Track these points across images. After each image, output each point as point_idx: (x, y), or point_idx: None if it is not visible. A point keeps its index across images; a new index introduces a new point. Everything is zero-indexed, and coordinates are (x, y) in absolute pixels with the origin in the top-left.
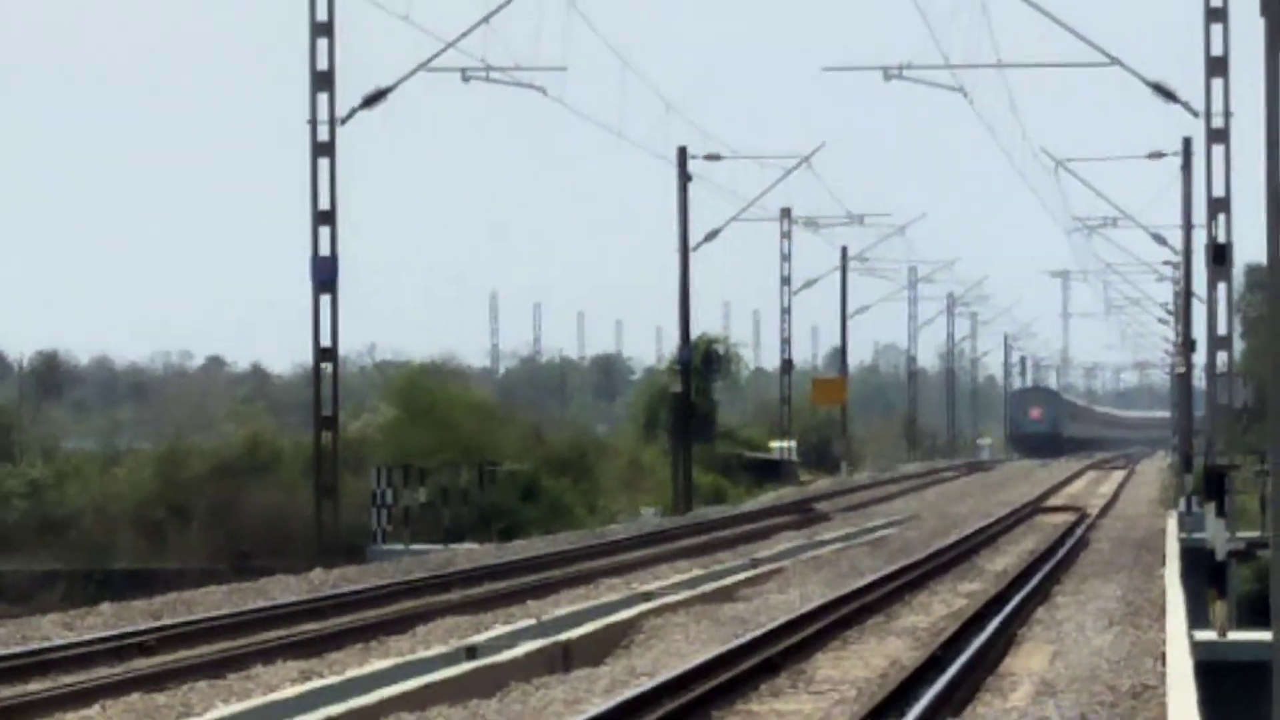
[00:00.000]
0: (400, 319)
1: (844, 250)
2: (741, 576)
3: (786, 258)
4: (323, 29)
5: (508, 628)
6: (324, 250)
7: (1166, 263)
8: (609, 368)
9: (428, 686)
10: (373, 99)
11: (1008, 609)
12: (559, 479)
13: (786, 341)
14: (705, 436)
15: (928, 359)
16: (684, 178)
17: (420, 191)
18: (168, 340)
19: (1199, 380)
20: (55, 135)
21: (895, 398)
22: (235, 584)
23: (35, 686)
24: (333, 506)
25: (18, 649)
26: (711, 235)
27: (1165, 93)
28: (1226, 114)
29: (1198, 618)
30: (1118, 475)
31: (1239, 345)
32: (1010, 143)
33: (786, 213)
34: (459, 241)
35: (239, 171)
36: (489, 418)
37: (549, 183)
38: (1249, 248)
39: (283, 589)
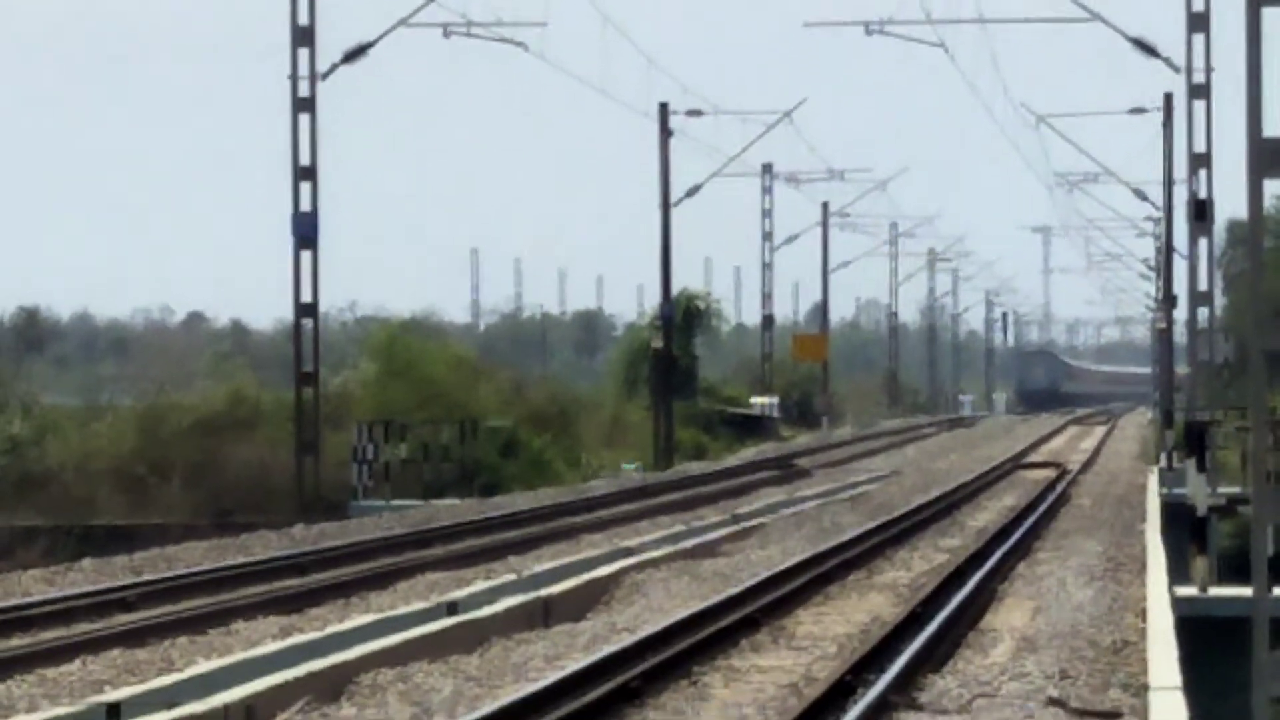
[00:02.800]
0: (381, 275)
1: (825, 206)
2: (722, 532)
3: (768, 213)
4: None
5: (488, 583)
6: (305, 206)
7: (1147, 218)
8: (590, 324)
9: (408, 642)
10: (353, 54)
11: (989, 565)
12: (540, 435)
13: (768, 297)
14: (686, 392)
15: (909, 315)
16: (665, 133)
17: (401, 147)
18: (148, 296)
19: (1180, 336)
20: (34, 92)
21: (876, 353)
22: (216, 540)
23: (16, 642)
24: (314, 462)
25: None
26: (693, 191)
27: (1146, 48)
28: (1208, 69)
29: (1179, 573)
30: (1099, 431)
31: (1220, 301)
32: (991, 98)
33: (768, 168)
34: (440, 197)
35: (219, 127)
36: (470, 373)
37: (530, 138)
38: (1230, 203)
39: (264, 545)
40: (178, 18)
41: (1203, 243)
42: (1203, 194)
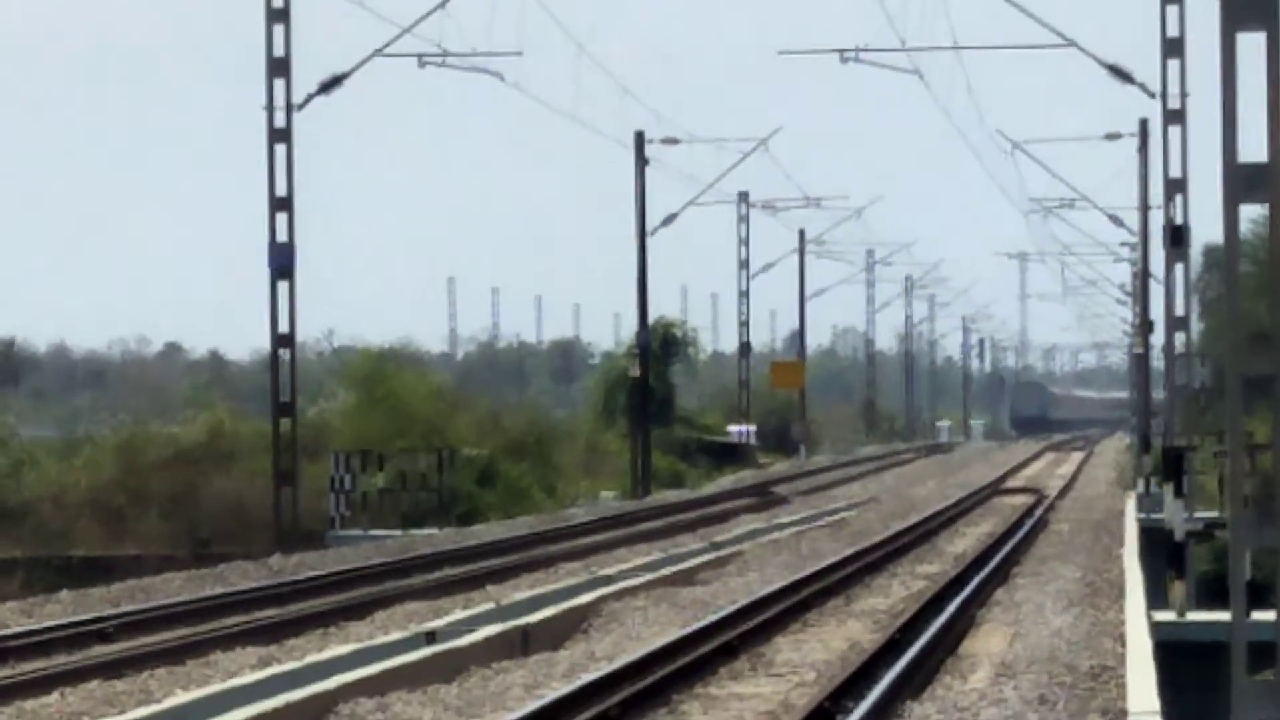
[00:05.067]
0: (358, 305)
1: (801, 233)
2: (701, 560)
3: (744, 241)
4: (279, 15)
5: (466, 612)
6: (281, 237)
7: (1124, 244)
8: (567, 352)
9: (387, 672)
10: (329, 85)
11: (967, 591)
12: (517, 463)
13: (744, 325)
14: (664, 420)
15: (886, 341)
16: (641, 162)
17: (378, 177)
18: (126, 327)
19: (1157, 361)
20: (9, 124)
21: (854, 380)
22: (194, 570)
23: None
24: (292, 493)
25: None
26: (669, 219)
27: (1121, 74)
28: (1183, 95)
29: (1156, 598)
30: (1076, 456)
31: (1197, 326)
32: (967, 125)
33: (744, 196)
34: (417, 227)
35: (196, 158)
36: (447, 403)
37: (506, 168)
38: (1206, 229)
39: (242, 575)
40: (152, 49)
41: (1179, 268)
42: (1179, 219)
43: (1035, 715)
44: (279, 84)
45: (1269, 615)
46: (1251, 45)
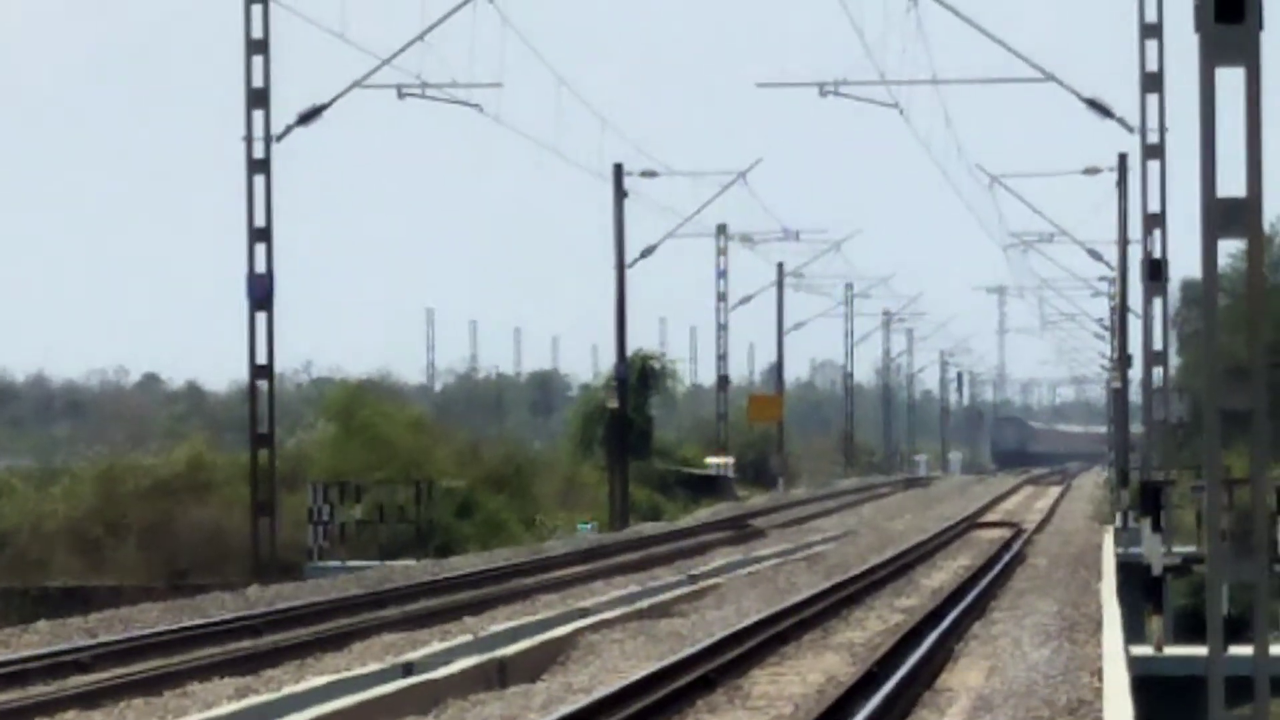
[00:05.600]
0: (337, 336)
1: (780, 266)
2: (678, 593)
3: (723, 274)
4: (258, 46)
5: (444, 644)
6: (260, 267)
7: (1102, 278)
8: (546, 384)
9: (364, 703)
10: (308, 116)
11: (944, 624)
12: (495, 495)
13: (723, 358)
14: (642, 453)
15: (864, 375)
16: (620, 194)
17: (356, 208)
18: (104, 358)
19: (1135, 395)
20: None
21: (832, 413)
22: (171, 601)
23: None
24: (270, 523)
25: None
26: (648, 251)
27: (1100, 108)
28: (1162, 130)
29: (1134, 633)
30: (1054, 490)
31: (1175, 360)
32: (946, 159)
33: (722, 229)
34: (395, 258)
35: (174, 188)
36: (425, 434)
37: (485, 199)
38: (1184, 263)
39: (219, 606)
40: (131, 78)
41: (1157, 302)
42: (1157, 253)
43: None
44: (258, 115)
45: (1247, 650)
46: (1231, 80)
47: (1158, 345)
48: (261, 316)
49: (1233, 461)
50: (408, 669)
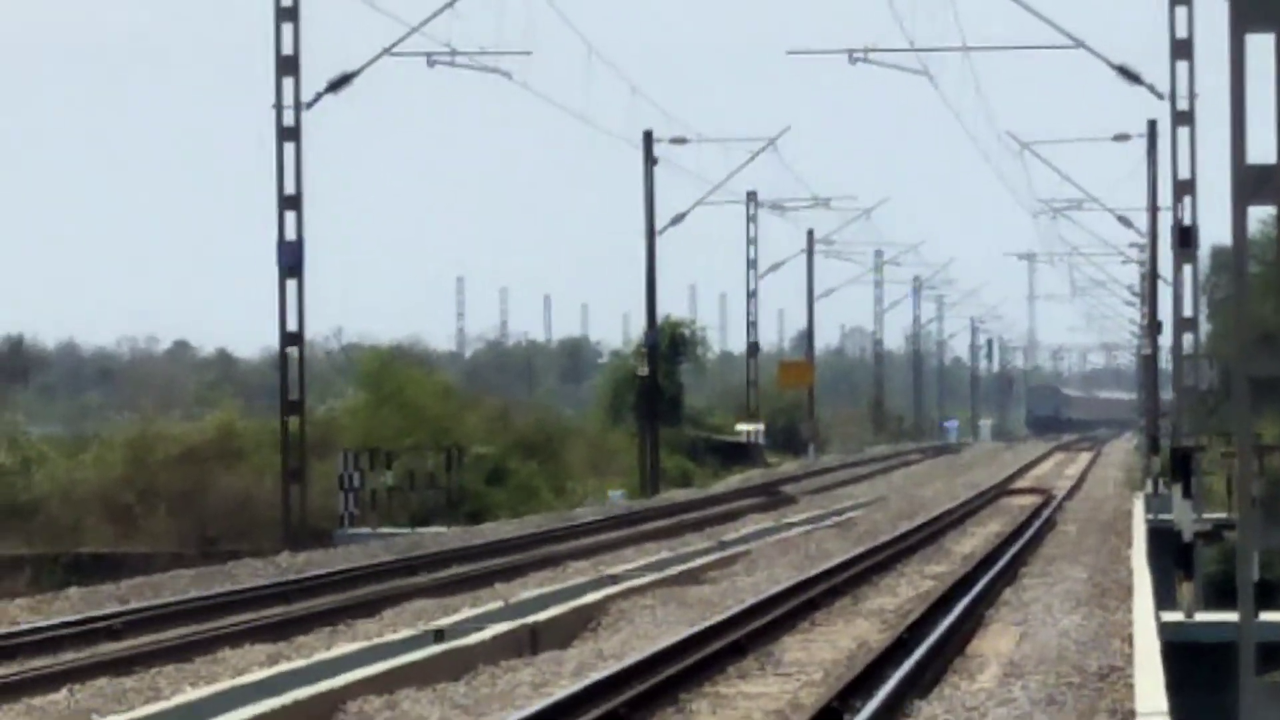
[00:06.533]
0: (366, 303)
1: (810, 233)
2: (708, 559)
3: (752, 241)
4: (288, 14)
5: (475, 611)
6: (290, 235)
7: (1132, 245)
8: (576, 351)
9: (395, 670)
10: (338, 84)
11: (975, 591)
12: (526, 462)
13: (753, 324)
14: (672, 420)
15: (894, 342)
16: (649, 161)
17: (386, 175)
18: (134, 325)
19: (1165, 362)
20: (19, 122)
21: (862, 380)
22: (202, 568)
23: (3, 671)
24: (300, 491)
25: None
26: (678, 219)
27: (1130, 75)
28: (1191, 96)
29: (1165, 599)
30: (1084, 457)
31: (1205, 327)
32: (975, 126)
33: (752, 196)
34: (425, 225)
35: (205, 156)
36: (456, 401)
37: (515, 167)
38: (1214, 230)
39: (250, 573)
40: (161, 46)
41: (1187, 269)
42: (1187, 220)
43: (1043, 715)
44: (288, 82)
45: (1277, 616)
46: (1261, 46)
47: (1188, 312)
48: (292, 284)
49: (1263, 428)
50: (439, 635)
